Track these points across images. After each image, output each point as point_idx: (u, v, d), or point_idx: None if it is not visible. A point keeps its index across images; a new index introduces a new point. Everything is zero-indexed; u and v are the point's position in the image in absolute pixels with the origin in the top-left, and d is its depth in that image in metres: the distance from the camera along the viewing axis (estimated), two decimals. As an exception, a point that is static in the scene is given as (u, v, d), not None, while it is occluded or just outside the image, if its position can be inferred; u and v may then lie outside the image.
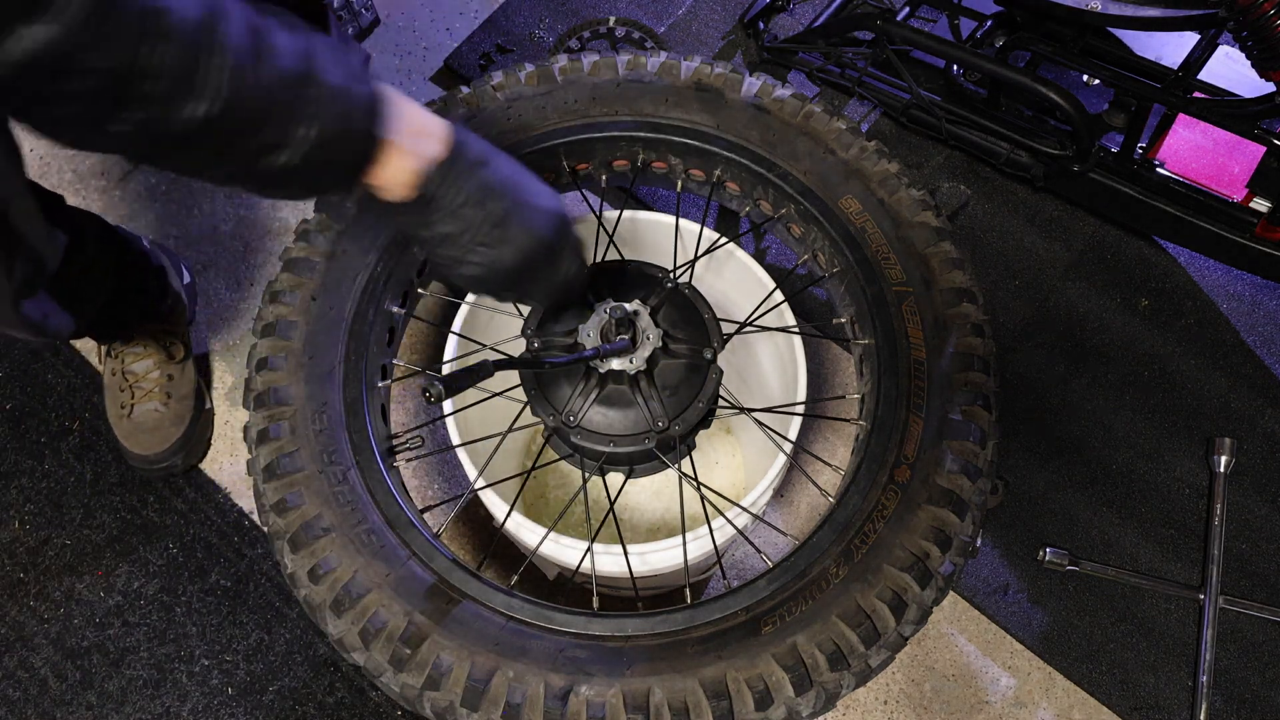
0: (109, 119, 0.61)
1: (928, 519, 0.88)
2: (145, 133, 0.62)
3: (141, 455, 1.39)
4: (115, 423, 1.42)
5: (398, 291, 1.05)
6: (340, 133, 0.68)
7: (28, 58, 0.55)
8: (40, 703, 1.31)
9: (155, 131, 0.62)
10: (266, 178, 0.68)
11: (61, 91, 0.58)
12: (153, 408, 1.40)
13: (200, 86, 0.61)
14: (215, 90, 0.61)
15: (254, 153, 0.66)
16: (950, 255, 1.00)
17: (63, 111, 0.60)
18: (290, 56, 0.65)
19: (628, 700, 0.80)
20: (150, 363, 1.41)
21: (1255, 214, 1.44)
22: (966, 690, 1.33)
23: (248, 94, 0.63)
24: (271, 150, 0.66)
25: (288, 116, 0.65)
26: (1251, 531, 1.41)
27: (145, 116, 0.61)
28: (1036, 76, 1.45)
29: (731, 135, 1.08)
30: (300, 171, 0.67)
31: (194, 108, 0.61)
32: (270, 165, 0.66)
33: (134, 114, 0.61)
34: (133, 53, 0.58)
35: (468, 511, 1.42)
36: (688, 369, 0.94)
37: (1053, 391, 1.50)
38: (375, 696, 1.30)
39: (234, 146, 0.65)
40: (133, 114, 0.61)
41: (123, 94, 0.59)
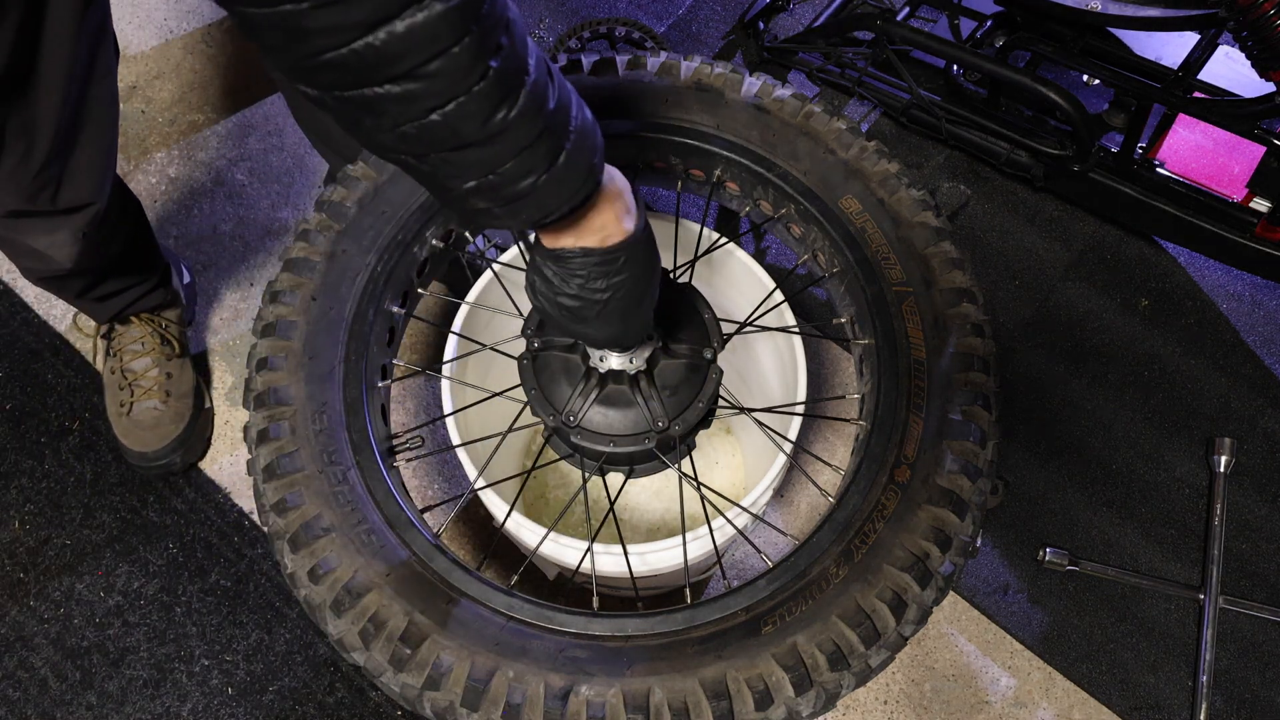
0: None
1: (928, 519, 0.88)
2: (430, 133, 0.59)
3: (140, 453, 1.39)
4: (114, 420, 1.42)
5: (398, 291, 1.05)
6: (580, 165, 0.66)
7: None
8: (40, 703, 1.31)
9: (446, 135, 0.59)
10: (510, 197, 0.65)
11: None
12: (151, 406, 1.40)
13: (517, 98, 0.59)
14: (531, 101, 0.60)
15: (518, 172, 0.63)
16: (950, 255, 1.00)
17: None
18: (566, 87, 0.65)
19: (628, 700, 0.80)
20: (149, 360, 1.41)
21: (1255, 214, 1.45)
22: (966, 690, 1.33)
23: (551, 107, 0.62)
24: (531, 171, 0.63)
25: (559, 138, 0.64)
26: (1251, 531, 1.41)
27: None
28: (1036, 76, 1.45)
29: (731, 135, 1.08)
30: (536, 195, 0.65)
31: (507, 113, 0.59)
32: (520, 186, 0.64)
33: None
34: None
35: (468, 511, 1.42)
36: (688, 369, 0.94)
37: (1053, 391, 1.50)
38: (375, 696, 1.30)
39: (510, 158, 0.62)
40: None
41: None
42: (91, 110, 1.07)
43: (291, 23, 0.51)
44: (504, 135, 0.60)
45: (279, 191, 1.66)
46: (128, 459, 1.42)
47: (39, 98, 1.00)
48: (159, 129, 1.72)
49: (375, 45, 0.52)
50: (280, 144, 1.70)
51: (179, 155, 1.69)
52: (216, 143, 1.70)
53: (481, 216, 0.67)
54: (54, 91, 1.00)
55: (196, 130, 1.71)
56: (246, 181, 1.67)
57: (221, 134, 1.71)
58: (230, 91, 1.75)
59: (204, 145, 1.70)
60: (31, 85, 0.99)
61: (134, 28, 1.81)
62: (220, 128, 1.72)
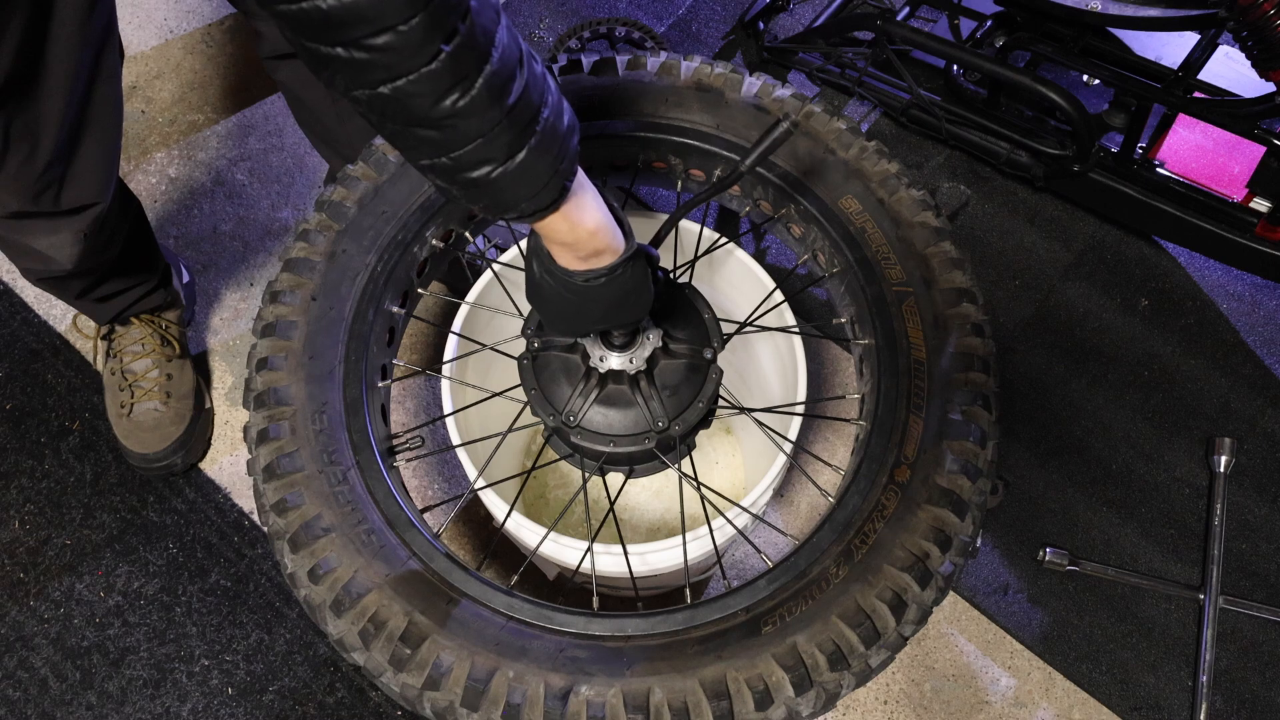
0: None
1: (928, 519, 0.88)
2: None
3: (141, 454, 1.39)
4: (115, 422, 1.42)
5: (398, 291, 1.05)
6: (542, 168, 0.66)
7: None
8: (40, 703, 1.31)
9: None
10: (465, 183, 0.66)
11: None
12: (152, 407, 1.40)
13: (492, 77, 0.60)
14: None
15: (474, 159, 0.64)
16: (950, 255, 1.00)
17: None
18: (542, 86, 0.65)
19: (628, 700, 0.80)
20: (149, 361, 1.41)
21: (1255, 214, 1.45)
22: (966, 690, 1.33)
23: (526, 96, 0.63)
24: (486, 162, 0.64)
25: (520, 134, 0.64)
26: (1251, 531, 1.41)
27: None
28: (1036, 76, 1.45)
29: (731, 135, 1.08)
30: (492, 187, 0.66)
31: (458, 99, 0.60)
32: (474, 174, 0.65)
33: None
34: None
35: (468, 511, 1.42)
36: (688, 369, 0.94)
37: (1053, 391, 1.50)
38: (375, 696, 1.30)
39: (477, 136, 0.63)
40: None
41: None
42: (96, 111, 1.07)
43: None
44: (454, 120, 0.60)
45: (279, 191, 1.66)
46: (129, 460, 1.42)
47: (44, 99, 1.00)
48: (159, 129, 1.72)
49: (322, 7, 0.53)
50: (280, 144, 1.70)
51: (179, 155, 1.69)
52: (216, 143, 1.70)
53: (445, 194, 0.68)
54: (59, 93, 1.00)
55: (196, 130, 1.71)
56: (246, 181, 1.67)
57: (221, 134, 1.71)
58: (230, 91, 1.75)
59: (204, 145, 1.70)
60: (36, 86, 0.99)
61: (134, 28, 1.81)
62: (220, 128, 1.72)
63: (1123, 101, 1.46)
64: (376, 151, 1.08)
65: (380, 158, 1.07)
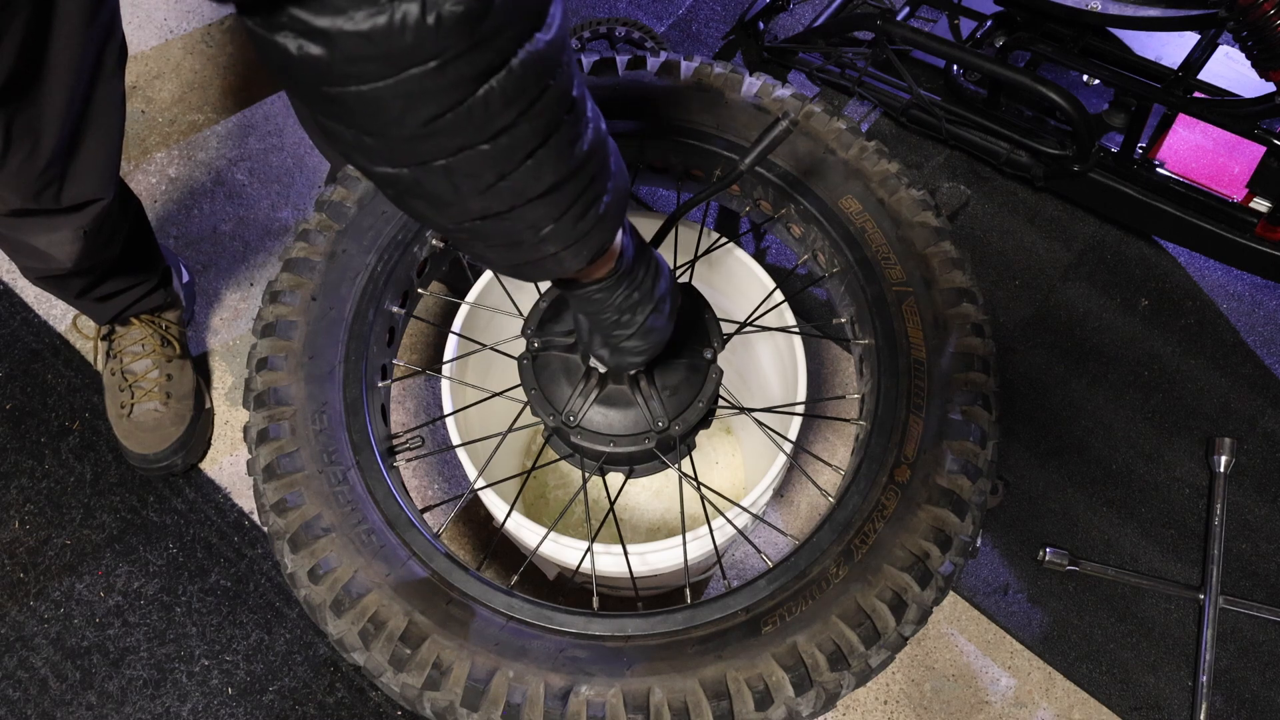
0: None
1: (928, 519, 0.88)
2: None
3: (141, 455, 1.40)
4: (115, 422, 1.42)
5: (398, 291, 1.05)
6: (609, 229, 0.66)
7: None
8: (40, 703, 1.31)
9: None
10: (539, 263, 0.63)
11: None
12: (152, 407, 1.40)
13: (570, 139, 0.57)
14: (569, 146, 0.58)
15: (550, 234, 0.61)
16: (950, 255, 1.00)
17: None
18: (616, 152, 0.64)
19: (628, 700, 0.80)
20: (149, 362, 1.41)
21: (1255, 214, 1.45)
22: (966, 690, 1.33)
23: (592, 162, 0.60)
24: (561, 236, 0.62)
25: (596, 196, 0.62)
26: (1251, 531, 1.41)
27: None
28: (1036, 76, 1.45)
29: (731, 135, 1.08)
30: (562, 256, 0.64)
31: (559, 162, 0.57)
32: (546, 250, 0.62)
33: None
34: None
35: (468, 511, 1.42)
36: (688, 369, 0.94)
37: (1053, 391, 1.50)
38: (375, 696, 1.30)
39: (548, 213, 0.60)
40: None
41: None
42: (98, 109, 1.07)
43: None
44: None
45: (279, 191, 1.66)
46: (129, 460, 1.42)
47: (46, 97, 1.00)
48: (159, 129, 1.72)
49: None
50: (280, 144, 1.70)
51: (179, 155, 1.69)
52: (216, 143, 1.70)
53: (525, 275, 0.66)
54: (61, 90, 1.01)
55: (196, 130, 1.71)
56: (246, 181, 1.67)
57: (221, 134, 1.71)
58: (230, 91, 1.75)
59: (204, 145, 1.70)
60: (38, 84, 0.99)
61: (134, 28, 1.81)
62: (220, 128, 1.72)
63: (1123, 101, 1.46)
64: (376, 151, 1.08)
65: (380, 158, 1.07)
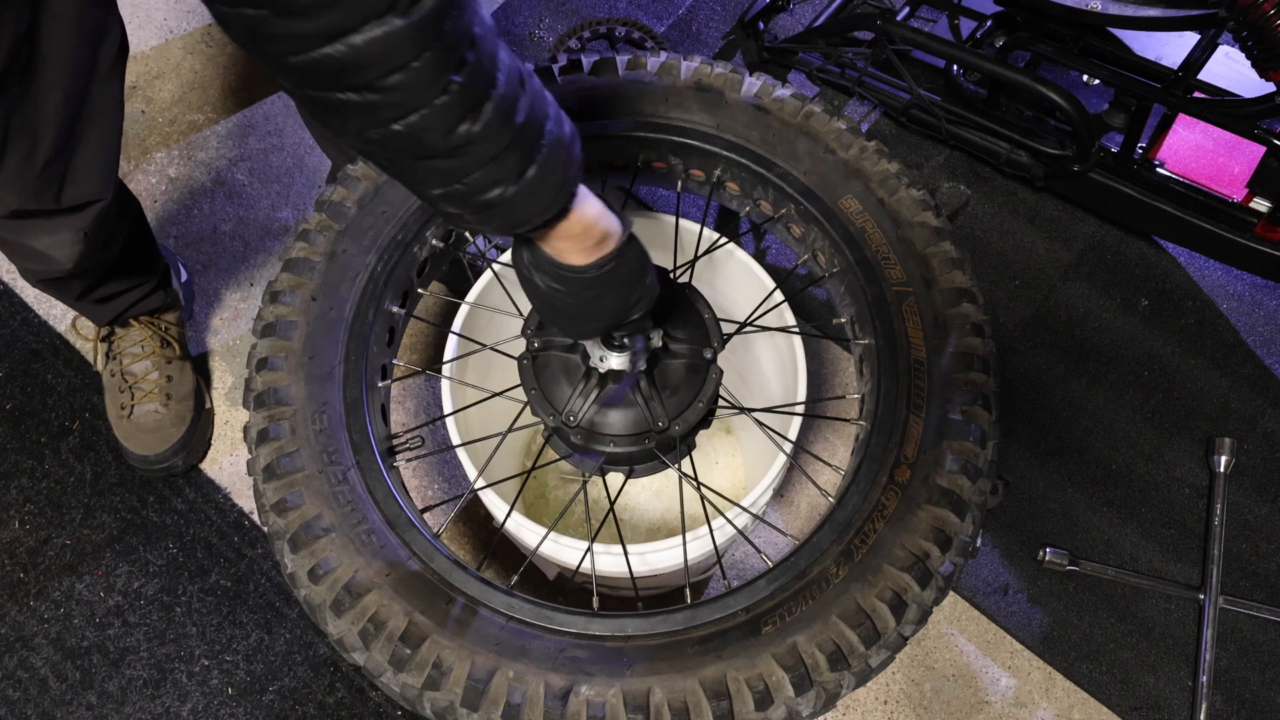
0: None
1: (928, 519, 0.88)
2: (410, 138, 0.60)
3: (142, 456, 1.40)
4: (115, 423, 1.42)
5: (398, 291, 1.05)
6: (552, 180, 0.67)
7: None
8: (40, 703, 1.31)
9: (420, 140, 0.60)
10: (479, 205, 0.66)
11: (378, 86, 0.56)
12: (152, 409, 1.40)
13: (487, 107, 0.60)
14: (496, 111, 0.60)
15: (487, 182, 0.64)
16: (950, 255, 1.00)
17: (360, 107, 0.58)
18: (542, 99, 0.66)
19: (628, 700, 0.80)
20: (149, 364, 1.41)
21: (1255, 214, 1.45)
22: (966, 690, 1.33)
23: (521, 121, 0.62)
24: (499, 183, 0.64)
25: (529, 151, 0.64)
26: (1251, 531, 1.41)
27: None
28: (1036, 76, 1.45)
29: (731, 135, 1.08)
30: (505, 205, 0.66)
31: (470, 126, 0.60)
32: (488, 196, 0.65)
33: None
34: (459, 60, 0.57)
35: (468, 511, 1.42)
36: (688, 369, 0.94)
37: (1053, 391, 1.50)
38: (375, 696, 1.30)
39: (481, 165, 0.63)
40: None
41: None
42: (95, 108, 1.07)
43: (255, 26, 0.53)
44: (469, 147, 0.61)
45: (279, 191, 1.66)
46: (129, 461, 1.42)
47: (41, 95, 1.00)
48: (159, 129, 1.72)
49: (334, 55, 0.53)
50: (280, 144, 1.70)
51: (179, 155, 1.69)
52: (216, 143, 1.70)
53: (454, 220, 0.68)
54: (57, 88, 1.01)
55: (196, 130, 1.71)
56: (246, 181, 1.67)
57: (221, 134, 1.71)
58: (230, 91, 1.75)
59: (204, 145, 1.70)
60: (32, 82, 0.99)
61: (134, 28, 1.81)
62: (220, 128, 1.72)
63: (1123, 101, 1.46)
64: (376, 151, 1.08)
65: (380, 158, 1.07)
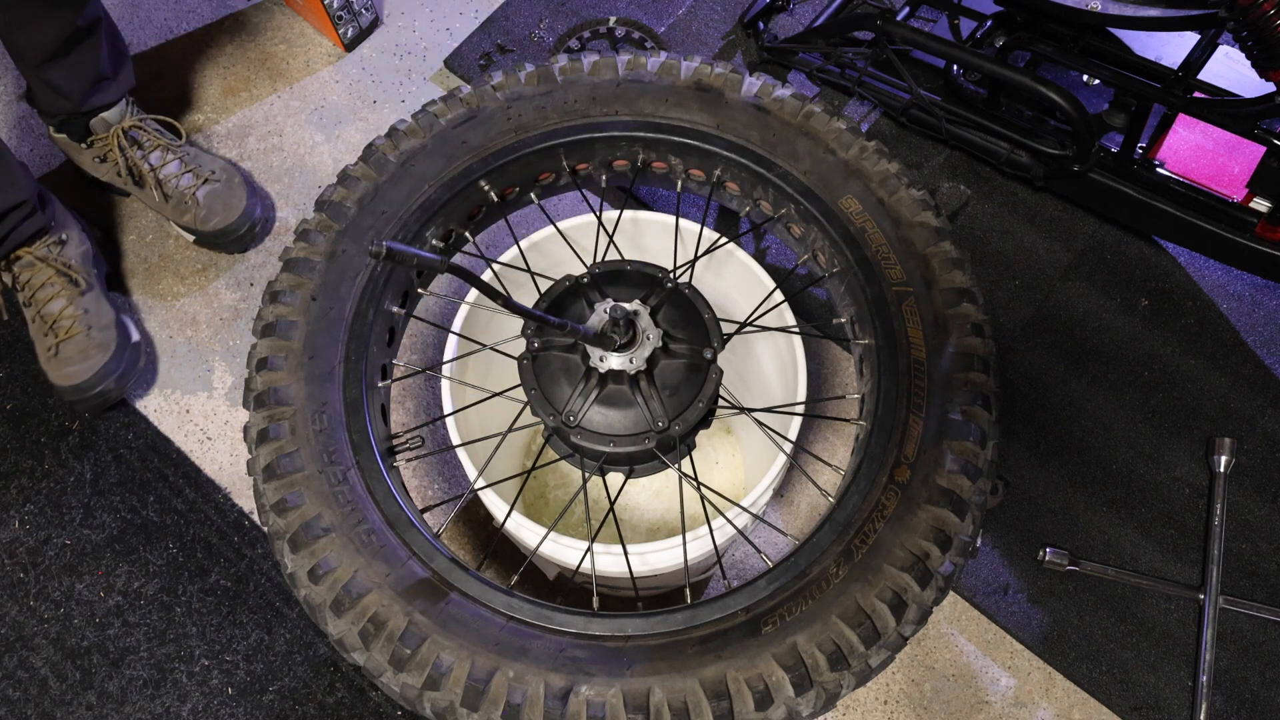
0: None
1: (928, 519, 0.88)
2: None
3: (74, 386, 1.42)
4: (46, 367, 1.45)
5: (398, 291, 1.05)
6: None
7: None
8: (40, 703, 1.31)
9: None
10: None
11: None
12: (77, 342, 1.44)
13: None
14: None
15: None
16: (950, 255, 1.00)
17: None
18: None
19: (628, 700, 0.80)
20: (63, 300, 1.46)
21: (1255, 214, 1.45)
22: (966, 690, 1.33)
23: None
24: None
25: None
26: (1251, 531, 1.41)
27: None
28: (1036, 76, 1.45)
29: (731, 135, 1.08)
30: None
31: None
32: None
33: None
34: None
35: (468, 511, 1.42)
36: (688, 369, 0.94)
37: (1053, 391, 1.50)
38: (375, 696, 1.30)
39: None
40: None
41: None
42: None
43: None
44: None
45: (279, 191, 1.66)
46: (65, 399, 1.44)
47: None
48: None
49: None
50: (280, 144, 1.70)
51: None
52: (216, 143, 1.70)
53: None
54: None
55: (197, 130, 1.71)
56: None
57: (221, 134, 1.71)
58: (230, 91, 1.75)
59: (204, 145, 1.70)
60: None
61: (134, 28, 1.81)
62: (220, 128, 1.72)
63: (1123, 101, 1.46)
64: (377, 151, 1.08)
65: (380, 158, 1.08)
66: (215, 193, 1.55)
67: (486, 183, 1.08)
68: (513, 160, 1.08)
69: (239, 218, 1.55)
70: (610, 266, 1.00)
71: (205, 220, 1.54)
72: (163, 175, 1.54)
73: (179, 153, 1.56)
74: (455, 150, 1.08)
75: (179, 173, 1.54)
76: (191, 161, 1.56)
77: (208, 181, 1.55)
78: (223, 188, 1.55)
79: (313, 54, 1.77)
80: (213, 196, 1.54)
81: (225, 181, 1.56)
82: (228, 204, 1.54)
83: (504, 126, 1.09)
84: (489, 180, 1.08)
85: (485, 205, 1.10)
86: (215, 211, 1.54)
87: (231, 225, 1.55)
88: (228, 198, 1.55)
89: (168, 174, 1.54)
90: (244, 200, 1.55)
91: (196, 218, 1.54)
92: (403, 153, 1.07)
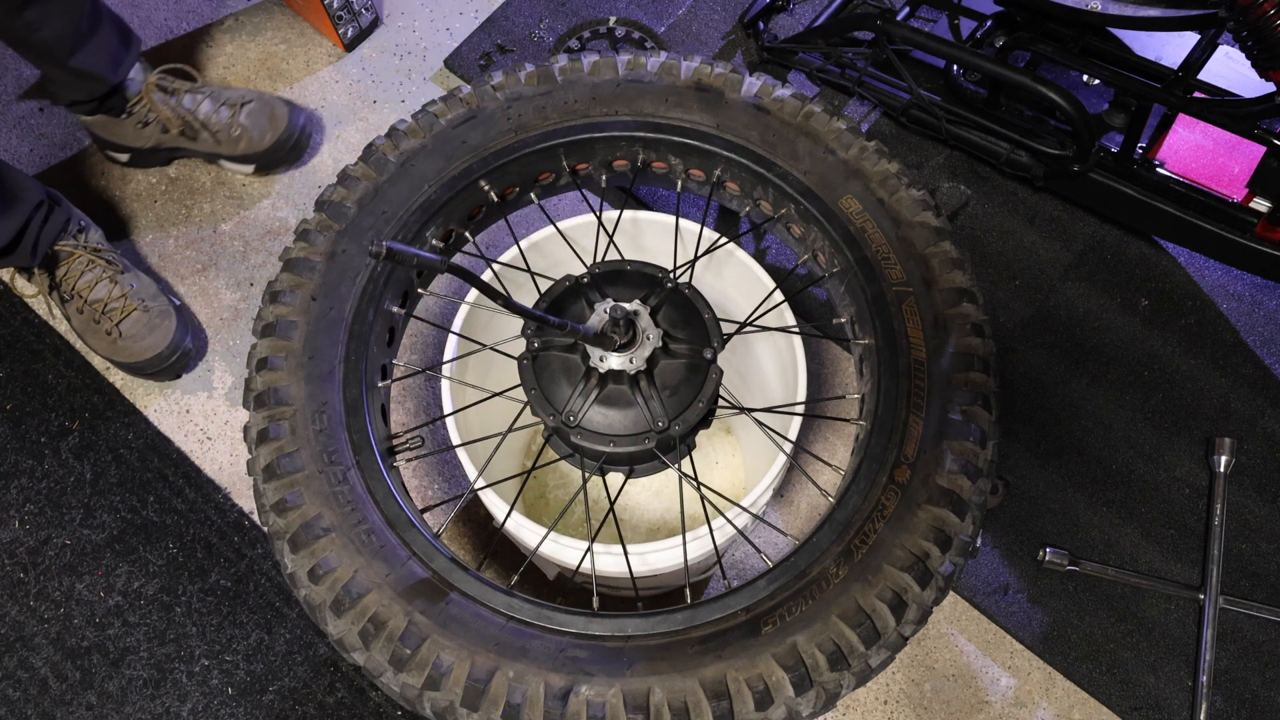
0: None
1: (928, 519, 0.88)
2: None
3: (153, 357, 1.42)
4: (109, 352, 1.45)
5: (398, 291, 1.05)
6: None
7: None
8: (40, 703, 1.31)
9: None
10: None
11: None
12: (136, 318, 1.44)
13: None
14: None
15: None
16: (950, 255, 1.00)
17: None
18: None
19: (628, 700, 0.80)
20: (108, 283, 1.45)
21: (1255, 214, 1.45)
22: (966, 690, 1.33)
23: None
24: None
25: None
26: (1251, 531, 1.41)
27: None
28: (1036, 76, 1.45)
29: (731, 135, 1.08)
30: None
31: None
32: None
33: None
34: None
35: (468, 511, 1.42)
36: (688, 369, 0.94)
37: (1053, 391, 1.50)
38: (375, 696, 1.30)
39: None
40: None
41: None
42: None
43: None
44: None
45: (279, 191, 1.66)
46: (143, 375, 1.44)
47: None
48: (159, 129, 1.72)
49: None
50: (280, 144, 1.70)
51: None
52: (216, 143, 1.70)
53: None
54: None
55: (196, 130, 1.71)
56: (246, 182, 1.67)
57: (221, 134, 1.71)
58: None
59: (204, 145, 1.70)
60: None
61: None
62: (220, 128, 1.72)
63: (1123, 101, 1.46)
64: (377, 151, 1.08)
65: (380, 158, 1.08)
66: (255, 111, 1.56)
67: (486, 183, 1.08)
68: (513, 160, 1.08)
69: (287, 127, 1.57)
70: (610, 266, 1.00)
71: (260, 140, 1.56)
72: (202, 116, 1.55)
73: (205, 92, 1.58)
74: (455, 150, 1.08)
75: (214, 108, 1.56)
76: (219, 95, 1.58)
77: (244, 105, 1.57)
78: (258, 105, 1.57)
79: (313, 54, 1.77)
80: (254, 115, 1.56)
81: (258, 99, 1.58)
82: (273, 117, 1.57)
83: (504, 126, 1.09)
84: (489, 180, 1.08)
85: (485, 205, 1.11)
86: (264, 128, 1.56)
87: (281, 138, 1.57)
88: (270, 112, 1.57)
89: (206, 112, 1.55)
90: (286, 111, 1.58)
91: (250, 141, 1.55)
92: (403, 153, 1.07)
